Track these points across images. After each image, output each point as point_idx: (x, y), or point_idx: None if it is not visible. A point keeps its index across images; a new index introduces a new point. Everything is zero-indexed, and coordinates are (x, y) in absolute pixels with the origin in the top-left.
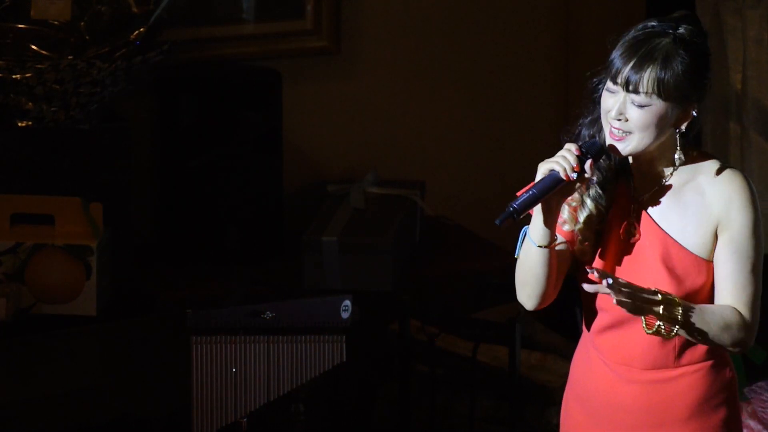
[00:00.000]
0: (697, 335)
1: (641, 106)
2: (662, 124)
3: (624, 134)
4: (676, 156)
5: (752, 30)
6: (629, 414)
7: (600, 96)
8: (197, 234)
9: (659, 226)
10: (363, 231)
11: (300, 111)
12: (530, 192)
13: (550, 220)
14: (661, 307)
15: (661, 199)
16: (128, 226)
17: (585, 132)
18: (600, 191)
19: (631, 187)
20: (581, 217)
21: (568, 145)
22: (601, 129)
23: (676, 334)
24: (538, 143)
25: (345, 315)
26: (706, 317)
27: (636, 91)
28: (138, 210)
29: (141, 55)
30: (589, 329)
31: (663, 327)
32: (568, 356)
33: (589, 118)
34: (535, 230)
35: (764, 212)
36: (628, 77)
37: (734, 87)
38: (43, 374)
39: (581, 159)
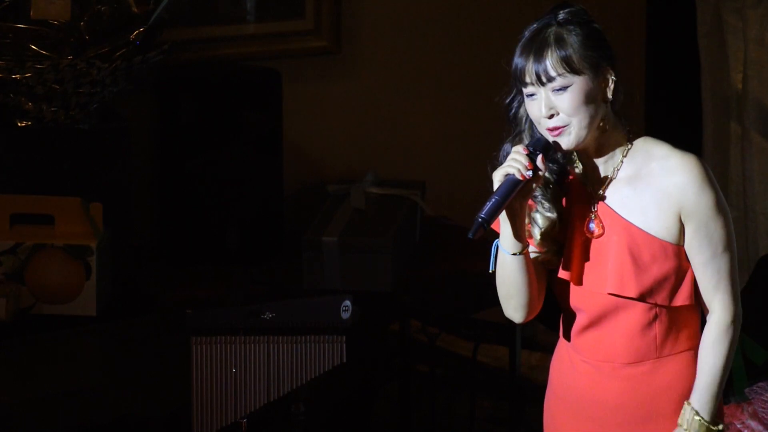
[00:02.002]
0: (723, 378)
1: (562, 89)
2: (589, 100)
3: (561, 128)
4: (603, 124)
5: (753, 30)
6: (617, 410)
7: (515, 112)
8: (197, 234)
9: (621, 217)
10: (363, 231)
11: (300, 111)
12: (493, 199)
13: (516, 225)
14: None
15: (618, 190)
16: (128, 226)
17: (510, 150)
18: (546, 203)
19: (585, 182)
20: (536, 233)
21: (515, 148)
22: (522, 142)
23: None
24: None
25: (345, 315)
26: (711, 379)
27: (549, 78)
28: (138, 210)
29: (141, 55)
30: (567, 332)
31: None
32: None
33: (509, 138)
34: (505, 239)
35: (764, 212)
36: (535, 71)
37: (735, 87)
38: (43, 374)
39: (531, 156)
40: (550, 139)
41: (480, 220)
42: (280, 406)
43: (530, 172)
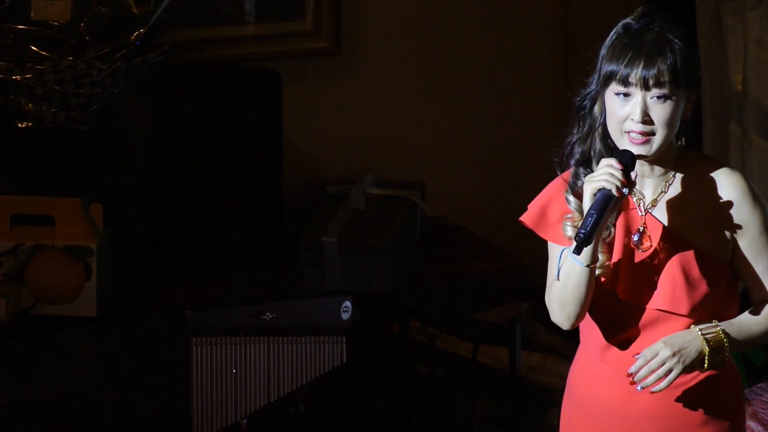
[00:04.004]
0: (746, 346)
1: (664, 100)
2: (678, 117)
3: (647, 136)
4: (678, 144)
5: (753, 31)
6: (645, 422)
7: (589, 110)
8: (197, 234)
9: (671, 231)
10: (363, 232)
11: (300, 112)
12: (591, 215)
13: (598, 239)
14: (706, 348)
15: (669, 204)
16: (128, 227)
17: (577, 149)
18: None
19: (636, 195)
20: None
21: (607, 161)
22: (593, 143)
23: (725, 358)
24: (537, 143)
25: (345, 316)
26: (745, 327)
27: (657, 85)
28: (138, 211)
29: (141, 55)
30: (594, 343)
31: (717, 358)
32: (568, 357)
33: (578, 135)
34: (583, 251)
35: None
36: (643, 75)
37: (734, 88)
38: (43, 375)
39: (625, 172)
40: (628, 144)
41: (582, 235)
42: (280, 407)
43: (626, 189)
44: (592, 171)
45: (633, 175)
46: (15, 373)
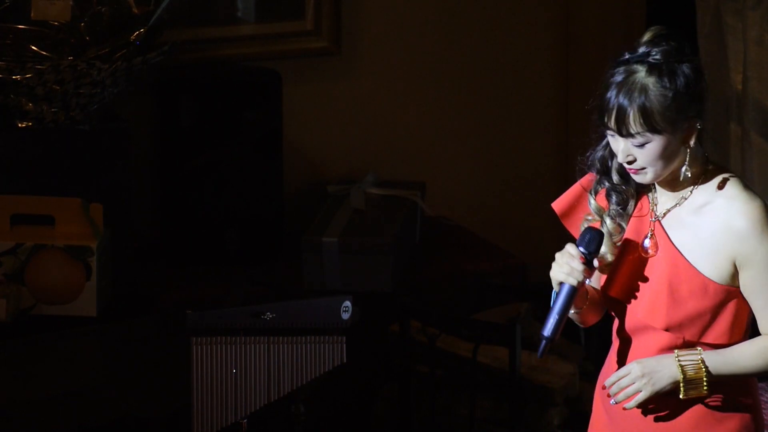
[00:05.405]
0: (733, 377)
1: (642, 146)
2: (669, 151)
3: (638, 169)
4: (683, 170)
5: (753, 31)
6: (642, 420)
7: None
8: (197, 235)
9: (673, 244)
10: (363, 232)
11: (300, 112)
12: (555, 317)
13: (579, 301)
14: (680, 376)
15: (680, 217)
16: (128, 227)
17: (597, 159)
18: (620, 209)
19: (653, 202)
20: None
21: (569, 250)
22: (610, 155)
23: (708, 388)
24: (538, 143)
25: (345, 316)
26: (733, 359)
27: (630, 135)
28: (138, 210)
29: (141, 55)
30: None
31: (691, 390)
32: (568, 357)
33: (601, 144)
34: None
35: None
36: (616, 124)
37: (735, 88)
38: (43, 375)
39: (587, 263)
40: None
41: (547, 337)
42: (280, 407)
43: (589, 279)
44: (612, 180)
45: (596, 263)
46: (15, 373)
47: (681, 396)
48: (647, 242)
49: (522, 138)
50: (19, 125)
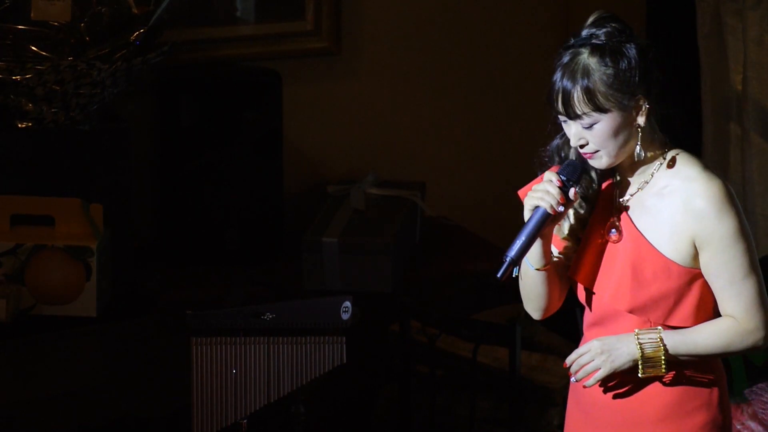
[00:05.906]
0: (692, 357)
1: (590, 126)
2: (620, 130)
3: (592, 153)
4: (636, 151)
5: (753, 31)
6: (611, 411)
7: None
8: (197, 235)
9: (636, 228)
10: (363, 232)
11: (300, 112)
12: (522, 238)
13: (544, 245)
14: (638, 353)
15: (642, 202)
16: (128, 227)
17: (554, 154)
18: (584, 202)
19: (615, 187)
20: (564, 227)
21: (548, 175)
22: (567, 149)
23: (666, 366)
24: (538, 144)
25: (345, 316)
26: (692, 339)
27: (577, 116)
28: (138, 211)
29: (141, 55)
30: (582, 328)
31: (649, 368)
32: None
33: (561, 140)
34: (532, 255)
35: (764, 214)
36: (563, 107)
37: (735, 88)
38: (43, 375)
39: (564, 189)
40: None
41: (509, 259)
42: (280, 407)
43: (562, 207)
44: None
45: (572, 192)
46: (15, 373)
47: (639, 374)
48: (614, 231)
49: (522, 138)
50: (19, 125)
